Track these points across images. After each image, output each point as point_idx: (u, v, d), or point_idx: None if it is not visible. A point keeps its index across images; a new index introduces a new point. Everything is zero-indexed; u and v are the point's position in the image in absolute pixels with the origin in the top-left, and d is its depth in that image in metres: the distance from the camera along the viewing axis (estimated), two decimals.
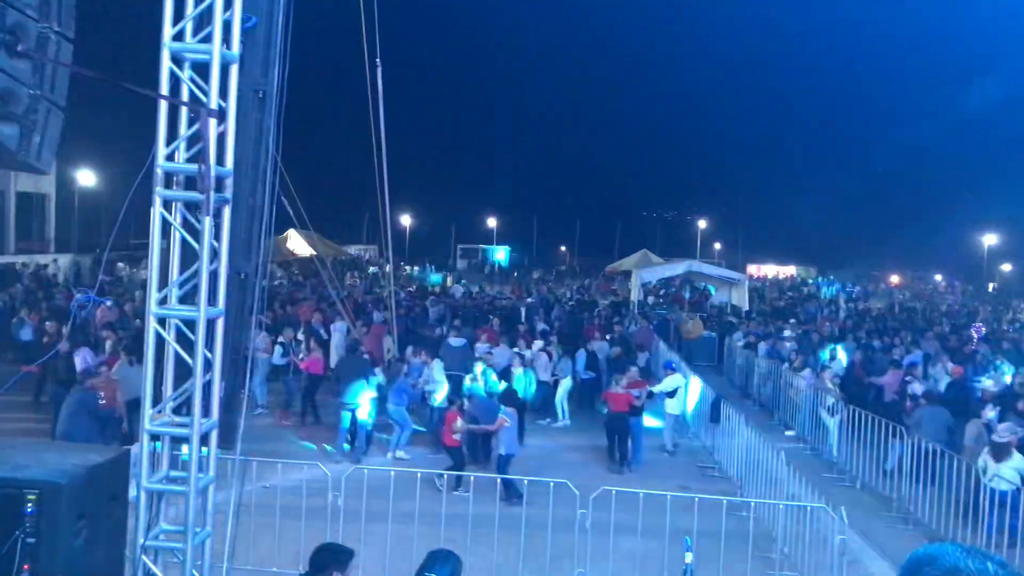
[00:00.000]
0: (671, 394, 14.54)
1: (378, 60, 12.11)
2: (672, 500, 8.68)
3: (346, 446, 12.94)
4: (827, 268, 65.02)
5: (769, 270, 65.26)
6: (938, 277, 60.35)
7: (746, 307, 27.76)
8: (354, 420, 12.89)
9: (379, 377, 13.70)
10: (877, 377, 16.39)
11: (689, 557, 4.64)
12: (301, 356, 15.70)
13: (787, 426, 16.28)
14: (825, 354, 18.43)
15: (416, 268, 52.48)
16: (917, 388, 14.25)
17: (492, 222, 76.30)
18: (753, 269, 59.71)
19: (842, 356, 18.44)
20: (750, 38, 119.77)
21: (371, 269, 45.94)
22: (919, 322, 27.68)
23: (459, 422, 11.65)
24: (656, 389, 14.61)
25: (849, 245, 71.75)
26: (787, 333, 20.97)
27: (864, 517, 10.71)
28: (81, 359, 13.16)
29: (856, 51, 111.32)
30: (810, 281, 56.47)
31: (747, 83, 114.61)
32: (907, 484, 11.58)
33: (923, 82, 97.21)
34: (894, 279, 59.34)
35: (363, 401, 12.88)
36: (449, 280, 43.71)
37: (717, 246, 75.09)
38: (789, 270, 65.64)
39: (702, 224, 75.46)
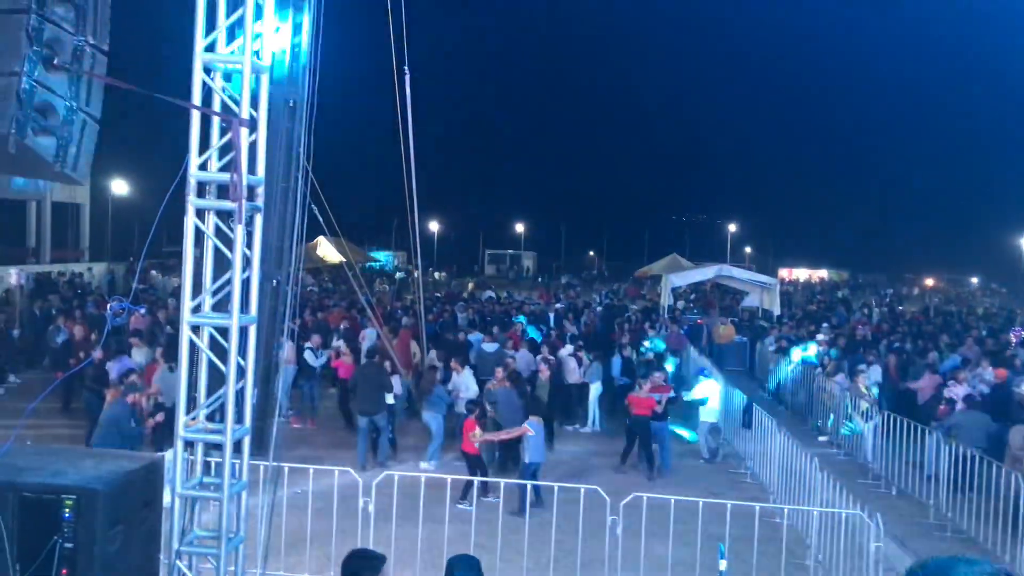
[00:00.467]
0: (705, 401, 14.46)
1: (406, 68, 12.16)
2: (704, 507, 8.61)
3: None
4: (859, 271, 64.22)
5: (801, 274, 64.65)
6: (974, 280, 59.31)
7: (778, 311, 27.48)
8: (375, 427, 12.94)
9: (398, 384, 13.73)
10: (913, 382, 16.15)
11: (723, 564, 4.59)
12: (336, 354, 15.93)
13: (820, 431, 16.10)
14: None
15: (443, 274, 52.59)
16: (958, 391, 13.93)
17: (520, 227, 76.31)
18: (784, 273, 59.15)
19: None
20: (781, 40, 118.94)
21: (397, 275, 46.13)
22: (956, 325, 27.21)
23: (477, 431, 11.58)
24: (687, 397, 14.52)
25: (882, 247, 70.83)
26: (820, 337, 20.72)
27: (901, 524, 10.56)
28: (120, 366, 13.33)
29: (891, 52, 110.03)
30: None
31: (777, 85, 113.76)
32: (945, 490, 11.38)
33: (959, 82, 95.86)
34: (928, 282, 58.44)
35: (382, 408, 12.96)
36: (471, 285, 43.66)
37: (748, 250, 74.46)
38: (821, 273, 64.95)
39: (732, 228, 74.84)
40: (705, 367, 17.14)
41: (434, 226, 64.39)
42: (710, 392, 14.46)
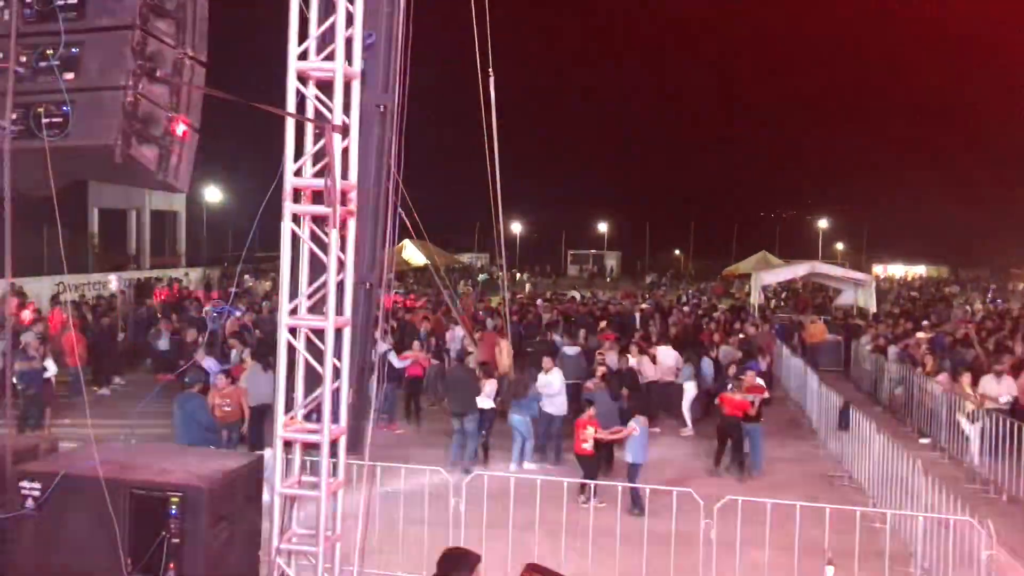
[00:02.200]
0: None
1: (491, 70, 12.18)
2: (801, 511, 8.35)
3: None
4: (959, 266, 61.47)
5: (896, 270, 62.33)
6: None
7: (874, 309, 26.60)
8: (464, 429, 13.02)
9: (494, 387, 13.76)
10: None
11: (830, 572, 4.42)
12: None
13: (921, 433, 15.49)
14: None
15: (526, 275, 52.55)
16: None
17: (603, 227, 75.81)
18: (879, 269, 57.12)
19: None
20: (870, 27, 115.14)
21: (480, 276, 46.39)
22: None
23: (589, 430, 11.54)
24: None
25: (984, 241, 67.44)
26: (920, 335, 19.96)
27: (1014, 532, 10.01)
28: (209, 366, 13.82)
29: (982, 34, 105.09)
30: None
31: (866, 73, 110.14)
32: None
33: None
34: None
35: (473, 410, 13.02)
36: (528, 286, 43.34)
37: (839, 246, 72.17)
38: (918, 270, 62.48)
39: (823, 224, 72.59)
40: (756, 363, 16.78)
41: (516, 227, 64.53)
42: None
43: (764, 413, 13.77)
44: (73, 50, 5.36)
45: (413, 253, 32.88)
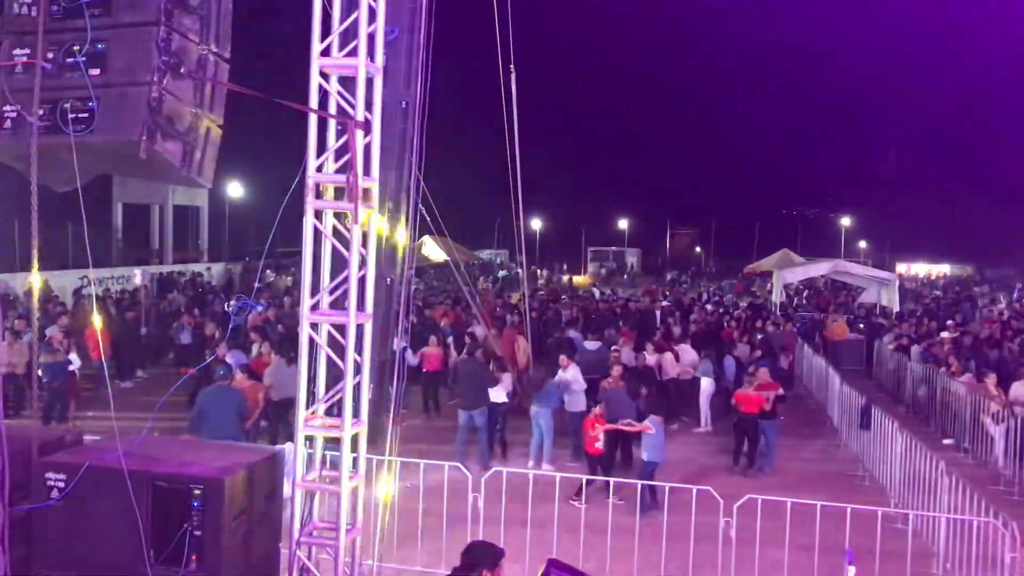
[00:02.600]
0: None
1: (512, 66, 12.19)
2: (822, 510, 8.30)
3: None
4: (985, 265, 60.67)
5: (919, 269, 61.69)
6: None
7: (897, 308, 26.36)
8: (473, 423, 13.00)
9: (508, 381, 13.73)
10: None
11: (852, 572, 4.39)
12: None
13: (945, 434, 15.34)
14: None
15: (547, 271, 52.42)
16: None
17: (623, 224, 75.51)
18: (902, 268, 56.57)
19: None
20: (885, 26, 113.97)
21: (500, 273, 46.35)
22: None
23: (597, 428, 11.51)
24: None
25: (1011, 239, 66.47)
26: (945, 335, 19.76)
27: None
28: (234, 360, 13.89)
29: (1008, 31, 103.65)
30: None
31: (889, 69, 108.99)
32: None
33: None
34: None
35: (482, 404, 12.99)
36: (542, 281, 43.09)
37: (862, 244, 71.47)
38: (942, 269, 61.79)
39: (845, 222, 71.94)
40: (767, 360, 16.64)
41: (536, 223, 64.39)
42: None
43: (782, 411, 13.71)
44: (99, 46, 5.41)
45: (433, 249, 32.93)
